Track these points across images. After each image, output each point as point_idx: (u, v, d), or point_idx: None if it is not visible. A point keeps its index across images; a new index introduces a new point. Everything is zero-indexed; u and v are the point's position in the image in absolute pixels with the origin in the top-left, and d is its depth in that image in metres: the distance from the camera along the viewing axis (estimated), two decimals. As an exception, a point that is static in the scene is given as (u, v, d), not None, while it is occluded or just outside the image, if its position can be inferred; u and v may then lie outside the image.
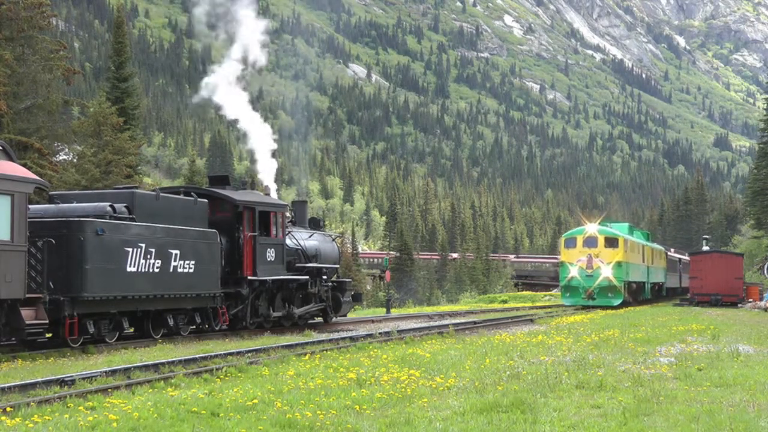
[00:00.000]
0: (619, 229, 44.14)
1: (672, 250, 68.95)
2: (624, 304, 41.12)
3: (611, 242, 40.90)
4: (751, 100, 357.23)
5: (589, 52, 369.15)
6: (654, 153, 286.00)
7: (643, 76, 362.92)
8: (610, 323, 25.93)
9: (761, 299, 43.45)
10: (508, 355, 15.62)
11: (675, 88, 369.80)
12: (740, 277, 47.19)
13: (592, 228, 41.66)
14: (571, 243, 41.77)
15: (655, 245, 54.88)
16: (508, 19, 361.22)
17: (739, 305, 43.47)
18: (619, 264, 40.33)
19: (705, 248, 58.68)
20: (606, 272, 39.88)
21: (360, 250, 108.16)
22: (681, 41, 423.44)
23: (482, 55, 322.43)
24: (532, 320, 29.20)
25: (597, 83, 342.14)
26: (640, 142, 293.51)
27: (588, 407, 9.86)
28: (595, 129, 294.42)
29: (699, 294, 45.59)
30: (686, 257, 64.31)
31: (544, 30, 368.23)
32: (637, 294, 46.01)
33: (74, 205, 18.70)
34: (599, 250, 40.52)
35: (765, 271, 53.25)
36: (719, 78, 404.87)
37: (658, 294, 54.70)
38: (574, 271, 40.38)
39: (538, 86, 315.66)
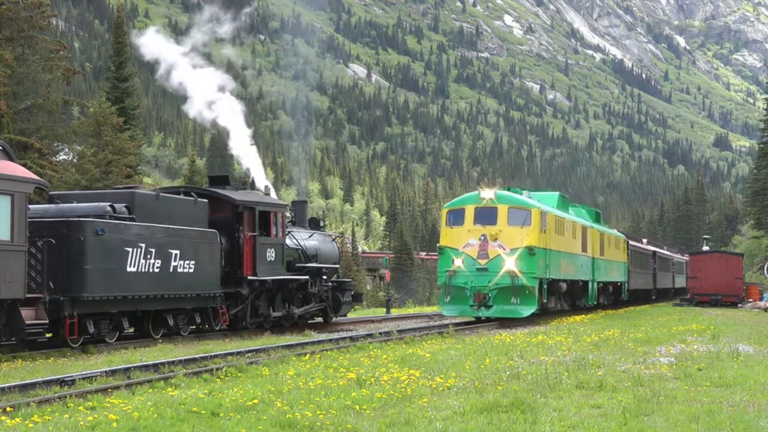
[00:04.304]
0: (543, 200, 29.91)
1: (645, 240, 55.74)
2: (542, 314, 28.79)
3: (519, 216, 26.75)
4: (751, 100, 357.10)
5: (589, 52, 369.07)
6: (654, 153, 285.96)
7: (643, 76, 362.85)
8: (610, 323, 25.95)
9: (761, 299, 43.47)
10: (508, 355, 15.61)
11: (675, 88, 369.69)
12: (740, 277, 47.20)
13: (488, 194, 26.94)
14: (456, 217, 27.30)
15: (611, 230, 41.84)
16: (508, 19, 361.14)
17: (739, 305, 43.48)
18: (531, 251, 26.23)
19: (705, 248, 58.64)
20: (509, 264, 25.97)
21: (361, 250, 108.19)
22: (681, 41, 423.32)
23: (482, 55, 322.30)
24: (532, 320, 29.15)
25: (597, 83, 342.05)
26: (640, 142, 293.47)
27: (588, 407, 9.87)
28: (595, 129, 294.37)
29: (699, 294, 45.60)
30: (666, 251, 59.63)
31: (544, 30, 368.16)
32: (574, 298, 33.10)
33: (74, 205, 18.72)
34: (499, 228, 26.35)
35: (765, 271, 53.29)
36: (719, 78, 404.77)
37: (615, 298, 40.93)
38: (458, 262, 26.35)
39: (538, 86, 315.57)
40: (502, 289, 26.01)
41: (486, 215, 26.75)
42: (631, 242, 44.25)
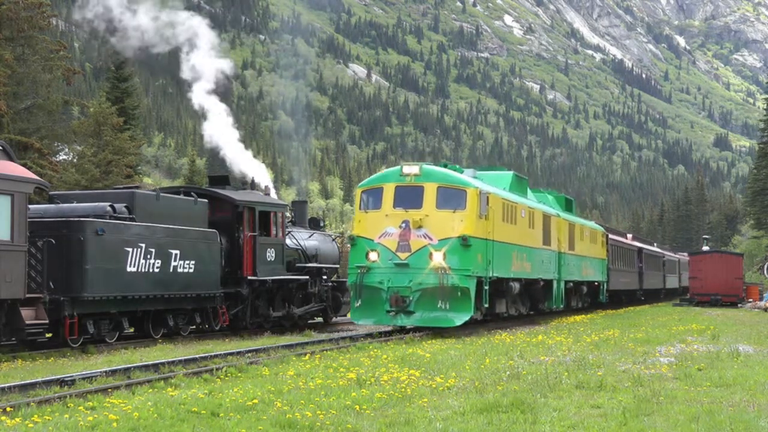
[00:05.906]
0: (492, 180, 24.38)
1: (629, 236, 50.32)
2: (485, 322, 24.11)
3: (451, 198, 21.24)
4: (751, 100, 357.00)
5: (589, 52, 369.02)
6: (654, 153, 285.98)
7: (643, 76, 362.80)
8: (609, 323, 25.96)
9: (761, 299, 43.50)
10: (508, 355, 15.62)
11: (675, 88, 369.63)
12: (740, 277, 47.26)
13: (412, 169, 21.57)
14: (373, 199, 21.79)
15: (585, 221, 36.85)
16: (508, 19, 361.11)
17: (739, 305, 43.50)
18: (465, 243, 20.79)
19: (705, 248, 58.66)
20: (437, 259, 20.59)
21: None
22: (681, 41, 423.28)
23: (482, 55, 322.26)
24: (532, 320, 29.17)
25: (597, 83, 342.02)
26: (640, 142, 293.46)
27: (588, 407, 9.87)
28: (595, 129, 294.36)
29: (699, 294, 45.63)
30: (656, 248, 56.87)
31: (544, 30, 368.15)
32: (534, 300, 27.96)
33: (74, 205, 18.73)
34: (425, 212, 21.00)
35: (765, 271, 53.31)
36: (719, 78, 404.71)
37: (592, 300, 35.96)
38: (374, 256, 21.00)
39: (538, 86, 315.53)
40: (426, 290, 20.63)
41: (409, 196, 21.19)
42: (611, 236, 39.31)
